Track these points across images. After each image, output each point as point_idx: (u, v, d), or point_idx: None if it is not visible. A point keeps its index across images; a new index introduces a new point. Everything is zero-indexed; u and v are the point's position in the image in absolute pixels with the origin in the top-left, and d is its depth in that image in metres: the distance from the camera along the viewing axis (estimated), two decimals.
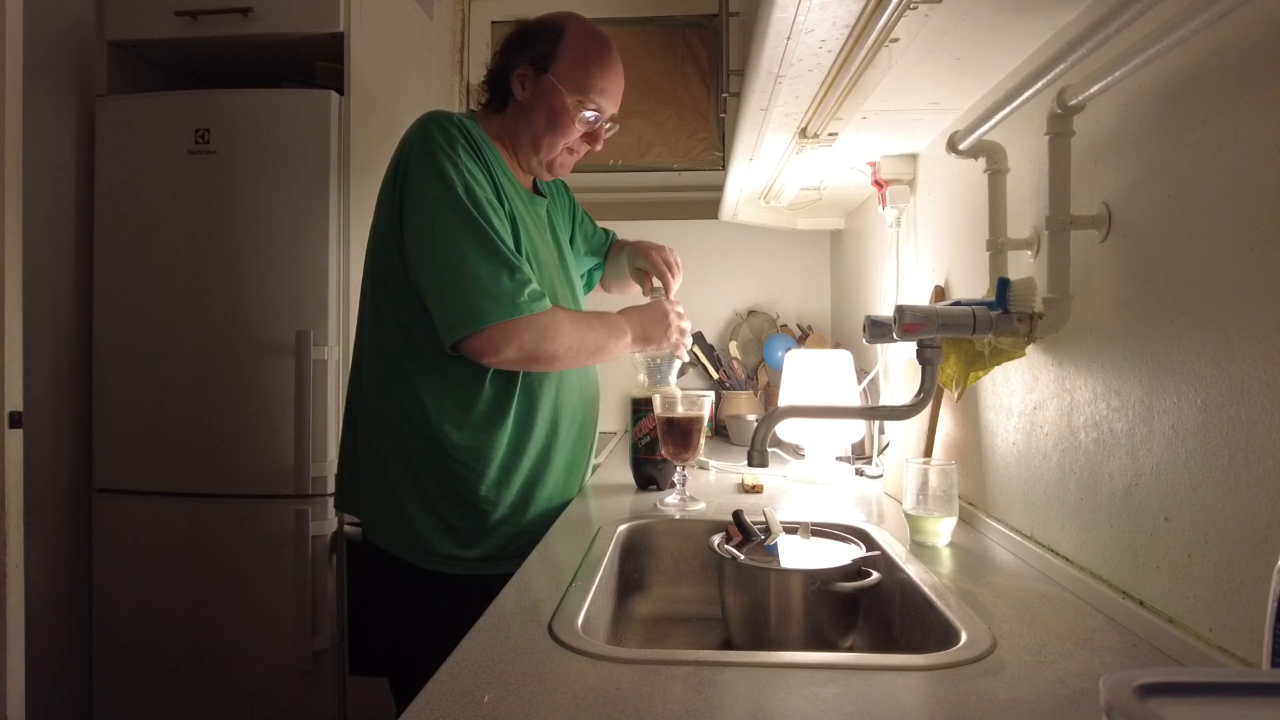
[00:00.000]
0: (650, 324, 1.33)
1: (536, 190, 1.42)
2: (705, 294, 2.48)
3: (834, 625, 0.92)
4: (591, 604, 0.86)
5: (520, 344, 1.15)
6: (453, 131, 1.19)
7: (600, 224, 2.48)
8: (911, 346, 1.10)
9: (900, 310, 0.99)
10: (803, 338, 2.31)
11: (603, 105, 1.30)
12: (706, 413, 1.37)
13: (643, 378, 1.48)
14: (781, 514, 1.11)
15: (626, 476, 1.60)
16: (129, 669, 1.94)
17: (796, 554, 0.97)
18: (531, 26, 1.29)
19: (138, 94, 1.99)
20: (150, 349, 1.93)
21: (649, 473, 1.47)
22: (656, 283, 1.47)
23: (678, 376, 1.48)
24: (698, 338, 2.36)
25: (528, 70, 1.27)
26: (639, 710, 0.61)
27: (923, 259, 1.51)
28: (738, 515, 1.03)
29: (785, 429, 1.73)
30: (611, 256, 1.66)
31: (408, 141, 1.20)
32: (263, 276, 1.90)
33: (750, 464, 1.07)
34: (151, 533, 1.92)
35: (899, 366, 1.61)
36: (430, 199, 1.15)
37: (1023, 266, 1.06)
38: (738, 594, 0.96)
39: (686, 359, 1.45)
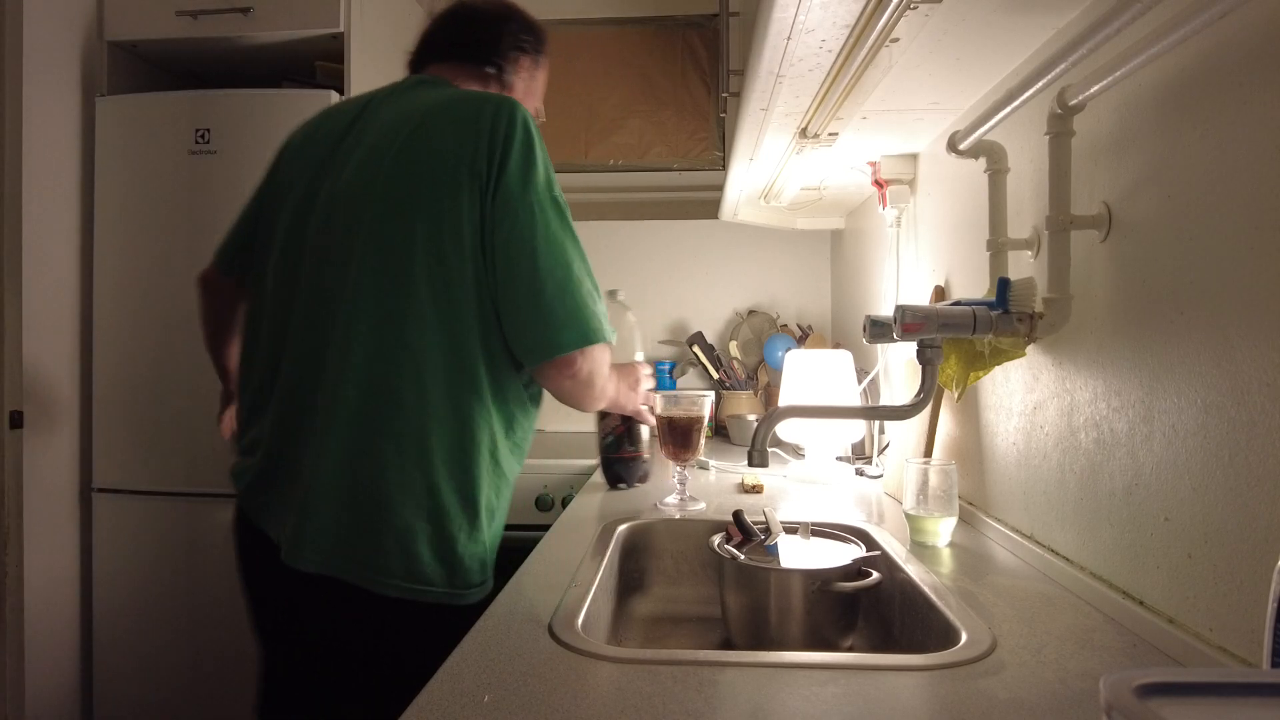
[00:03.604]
0: (625, 387, 1.25)
1: None
2: (705, 294, 2.48)
3: (834, 625, 0.92)
4: (591, 604, 0.86)
5: (602, 373, 1.04)
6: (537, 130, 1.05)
7: (600, 223, 2.50)
8: (911, 346, 1.10)
9: (900, 310, 0.99)
10: (803, 338, 2.31)
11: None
12: (706, 413, 1.37)
13: None
14: (781, 514, 1.11)
15: None
16: (129, 669, 1.94)
17: (796, 554, 0.97)
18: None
19: (138, 94, 1.99)
20: (150, 349, 1.93)
21: (617, 470, 1.47)
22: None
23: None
24: (697, 338, 2.36)
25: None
26: (639, 710, 0.61)
27: (923, 259, 1.51)
28: (738, 515, 1.03)
29: (785, 429, 1.73)
30: None
31: (504, 120, 1.00)
32: None
33: (750, 464, 1.07)
34: (151, 533, 1.92)
35: (899, 366, 1.61)
36: (544, 193, 1.00)
37: (1023, 266, 1.06)
38: (738, 594, 0.96)
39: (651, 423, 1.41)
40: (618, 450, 1.44)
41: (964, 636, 0.75)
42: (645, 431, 1.43)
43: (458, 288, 0.97)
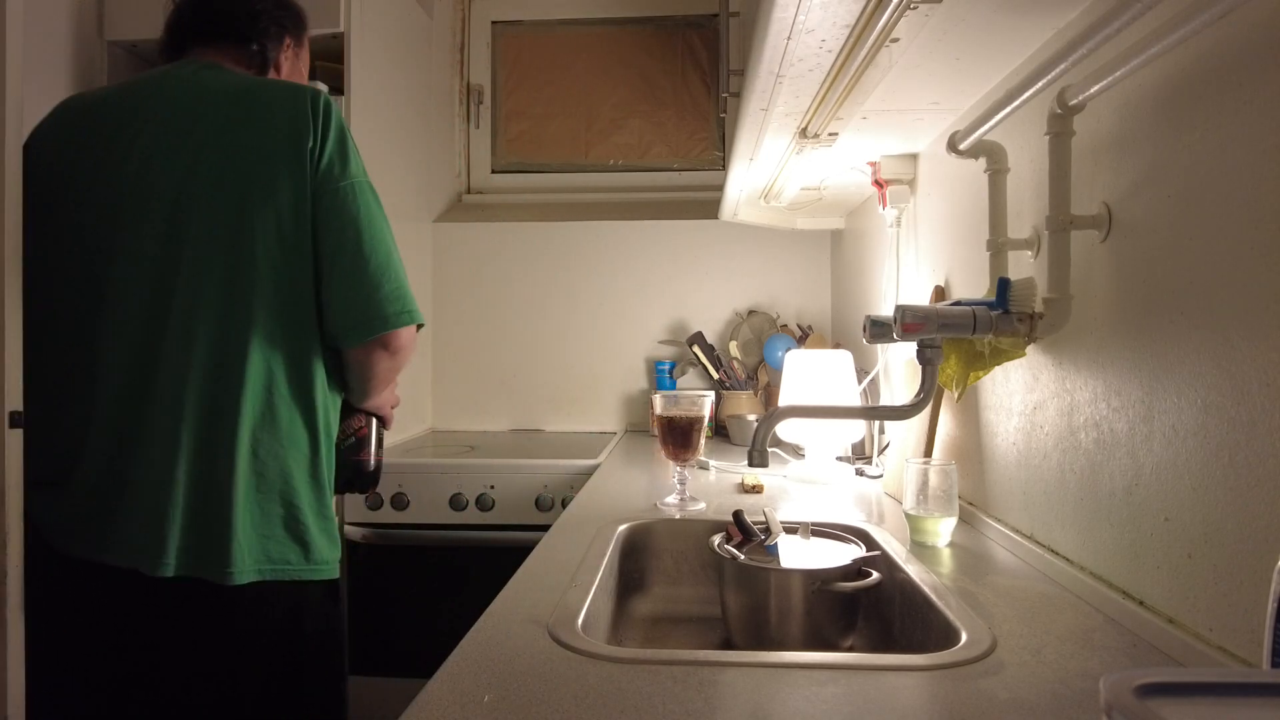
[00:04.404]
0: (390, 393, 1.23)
1: None
2: (705, 294, 2.48)
3: (834, 625, 0.92)
4: (591, 604, 0.86)
5: (410, 355, 1.08)
6: None
7: (600, 223, 2.50)
8: (911, 346, 1.10)
9: (900, 310, 0.99)
10: (803, 338, 2.31)
11: None
12: (706, 413, 1.37)
13: None
14: (781, 514, 1.11)
15: (625, 477, 1.60)
16: None
17: (796, 554, 0.97)
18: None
19: None
20: None
21: (358, 474, 1.25)
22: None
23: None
24: (697, 338, 2.36)
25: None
26: (639, 710, 0.61)
27: (923, 259, 1.51)
28: (738, 515, 1.03)
29: (785, 429, 1.73)
30: None
31: (322, 103, 1.03)
32: None
33: (750, 464, 1.07)
34: None
35: (899, 366, 1.61)
36: (362, 177, 1.04)
37: (1023, 266, 1.06)
38: (738, 594, 0.96)
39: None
40: (358, 452, 1.26)
41: (964, 636, 0.75)
42: (384, 438, 1.33)
43: (298, 269, 0.99)
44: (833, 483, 1.57)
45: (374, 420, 1.22)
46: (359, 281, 1.00)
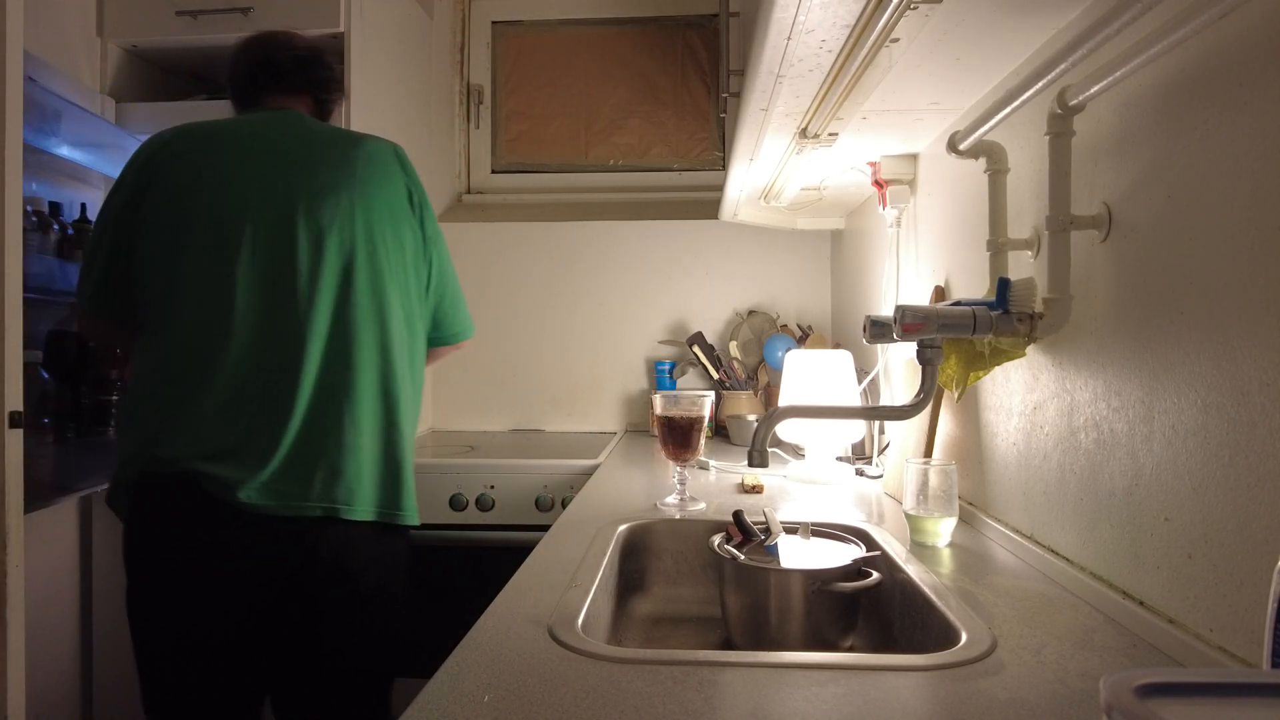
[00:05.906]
0: None
1: None
2: (705, 294, 2.48)
3: (834, 625, 0.92)
4: (591, 604, 0.86)
5: None
6: None
7: (601, 223, 2.50)
8: (912, 346, 1.10)
9: (900, 310, 0.99)
10: (803, 338, 2.31)
11: None
12: (706, 413, 1.37)
13: None
14: (781, 514, 1.11)
15: (625, 478, 1.60)
16: (129, 669, 1.93)
17: (796, 554, 0.97)
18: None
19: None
20: None
21: None
22: None
23: None
24: (697, 338, 2.36)
25: None
26: (639, 710, 0.61)
27: (923, 259, 1.51)
28: (738, 515, 1.03)
29: (785, 429, 1.73)
30: None
31: (407, 158, 1.33)
32: None
33: (750, 464, 1.07)
34: None
35: (899, 366, 1.61)
36: (438, 226, 1.37)
37: (1023, 266, 1.06)
38: (738, 594, 0.96)
39: None
40: None
41: (964, 636, 0.75)
42: None
43: (418, 290, 1.31)
44: (833, 483, 1.57)
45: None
46: (456, 305, 1.41)
